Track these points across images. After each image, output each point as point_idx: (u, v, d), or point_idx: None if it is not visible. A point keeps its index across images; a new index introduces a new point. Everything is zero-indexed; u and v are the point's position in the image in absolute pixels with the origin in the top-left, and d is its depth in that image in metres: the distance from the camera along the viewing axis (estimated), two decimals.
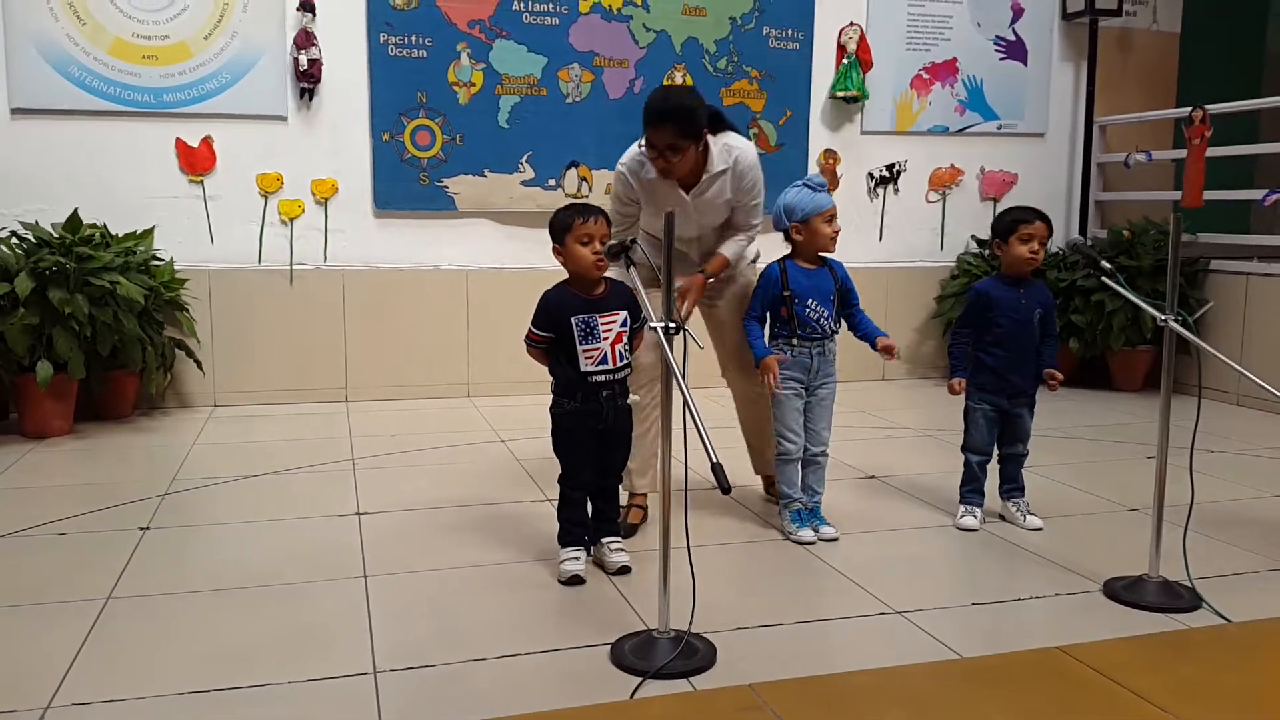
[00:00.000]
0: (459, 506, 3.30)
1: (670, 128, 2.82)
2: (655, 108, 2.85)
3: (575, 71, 5.18)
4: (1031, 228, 3.02)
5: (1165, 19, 6.18)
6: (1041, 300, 3.10)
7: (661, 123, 2.82)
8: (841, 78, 5.56)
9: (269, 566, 2.73)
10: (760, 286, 3.04)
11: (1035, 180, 6.05)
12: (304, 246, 5.02)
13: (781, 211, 3.00)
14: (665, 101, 2.87)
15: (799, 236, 2.99)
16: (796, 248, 3.02)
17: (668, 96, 2.94)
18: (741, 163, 3.00)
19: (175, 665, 2.15)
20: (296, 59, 4.80)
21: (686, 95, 2.98)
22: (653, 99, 2.89)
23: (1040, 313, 3.08)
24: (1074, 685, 2.04)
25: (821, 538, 2.99)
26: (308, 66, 4.81)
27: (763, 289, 3.03)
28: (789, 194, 3.01)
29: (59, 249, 4.17)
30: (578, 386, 2.62)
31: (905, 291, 5.84)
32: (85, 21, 4.60)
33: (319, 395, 5.03)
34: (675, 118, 2.82)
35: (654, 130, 2.84)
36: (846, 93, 5.56)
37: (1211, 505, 3.24)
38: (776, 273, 3.00)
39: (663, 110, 2.83)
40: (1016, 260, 3.05)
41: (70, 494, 3.44)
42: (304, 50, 4.80)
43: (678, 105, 2.85)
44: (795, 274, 2.98)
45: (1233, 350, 5.05)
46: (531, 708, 1.96)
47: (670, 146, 2.83)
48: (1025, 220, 3.04)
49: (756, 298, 3.05)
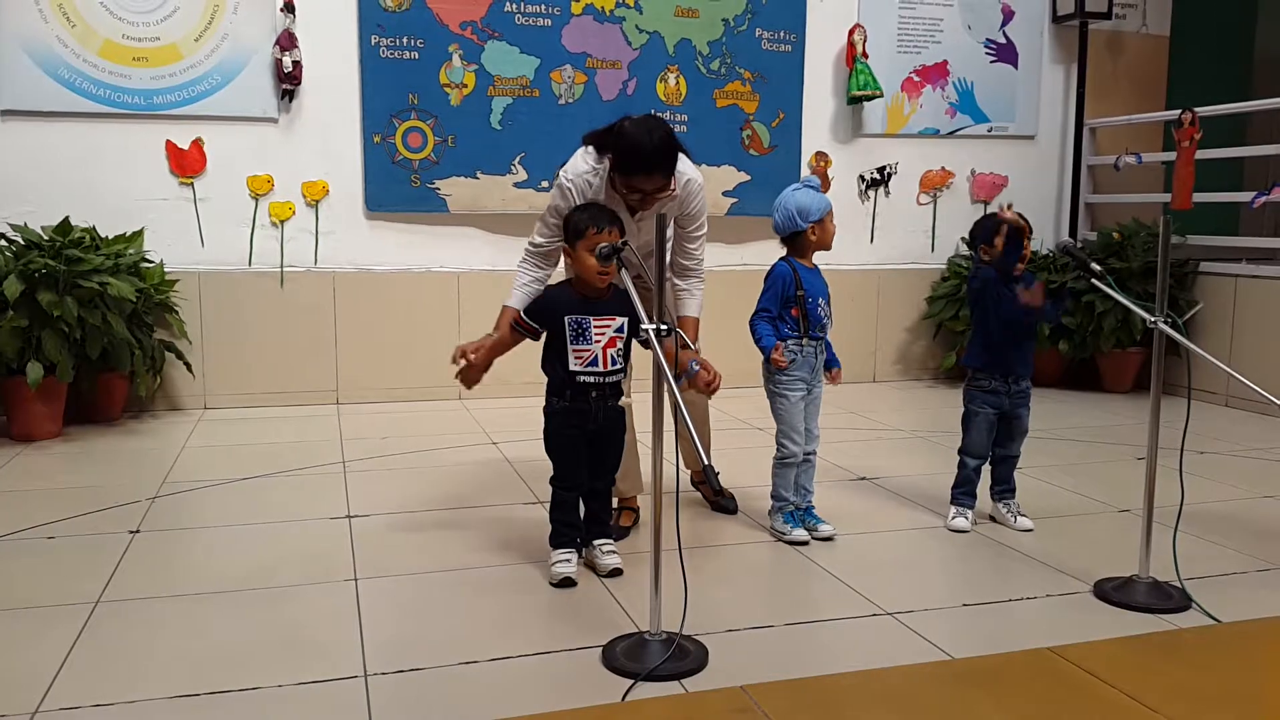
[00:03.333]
0: (450, 509, 3.30)
1: (662, 174, 2.68)
2: (648, 154, 2.63)
3: (568, 73, 5.18)
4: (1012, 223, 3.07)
5: (1155, 22, 6.21)
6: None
7: (655, 169, 2.66)
8: (857, 78, 5.56)
9: (259, 569, 2.72)
10: (773, 284, 2.97)
11: (1026, 182, 6.07)
12: (295, 249, 5.01)
13: (795, 213, 2.96)
14: (656, 145, 2.63)
15: (814, 236, 2.99)
16: (805, 248, 3.01)
17: (654, 136, 2.64)
18: (689, 188, 2.87)
19: (164, 669, 2.14)
20: (280, 60, 4.77)
21: (664, 131, 2.68)
22: (639, 144, 2.63)
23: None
24: (1065, 686, 2.04)
25: (819, 536, 2.99)
26: (291, 69, 4.78)
27: (777, 287, 2.96)
28: (798, 196, 2.98)
29: (48, 251, 4.16)
30: (566, 385, 2.63)
31: (896, 293, 5.85)
32: (75, 23, 4.59)
33: (310, 398, 5.02)
34: (668, 162, 2.67)
35: (646, 178, 2.67)
36: (864, 92, 5.54)
37: (1201, 506, 3.25)
38: (789, 271, 2.97)
39: (657, 156, 2.64)
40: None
41: (59, 497, 3.42)
42: (287, 52, 4.78)
43: (668, 147, 2.66)
44: (803, 273, 2.98)
45: (1222, 352, 5.07)
46: (523, 710, 1.95)
47: (659, 189, 2.71)
48: (1001, 219, 3.09)
49: (771, 295, 2.97)
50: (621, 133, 2.68)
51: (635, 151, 2.64)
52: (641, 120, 2.70)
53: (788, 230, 3.00)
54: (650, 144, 2.63)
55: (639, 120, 2.70)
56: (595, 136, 2.81)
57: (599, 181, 2.79)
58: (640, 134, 2.65)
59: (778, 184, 5.81)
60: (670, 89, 5.28)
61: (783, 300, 2.97)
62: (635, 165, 2.66)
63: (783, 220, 2.99)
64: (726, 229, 5.40)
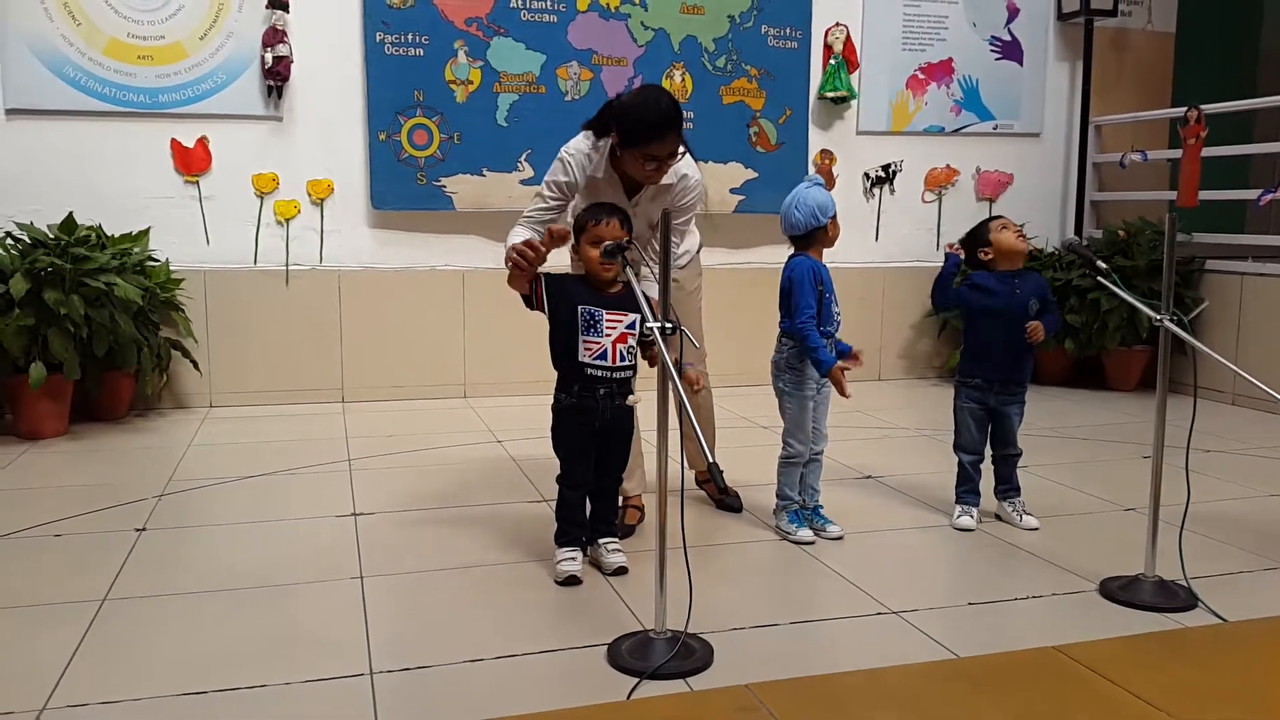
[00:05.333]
0: (455, 507, 3.30)
1: (674, 135, 2.71)
2: (659, 118, 2.66)
3: (574, 69, 5.18)
4: (1003, 219, 3.12)
5: (1160, 19, 6.19)
6: (1036, 289, 3.10)
7: (668, 132, 2.68)
8: (829, 78, 5.57)
9: (265, 567, 2.73)
10: (805, 281, 2.91)
11: (1031, 180, 6.06)
12: (300, 247, 5.01)
13: (816, 209, 2.93)
14: (664, 109, 2.68)
15: (831, 233, 3.00)
16: (819, 245, 3.00)
17: (660, 101, 2.70)
18: (686, 183, 2.89)
19: (171, 666, 2.14)
20: (263, 56, 4.76)
21: (670, 97, 2.75)
22: (649, 109, 2.68)
23: (1036, 304, 3.07)
24: (1070, 685, 2.04)
25: (827, 537, 2.99)
26: (273, 64, 4.76)
27: (809, 284, 2.90)
28: (815, 193, 2.96)
29: (54, 250, 4.16)
30: (574, 379, 2.63)
31: (901, 291, 5.84)
32: (80, 22, 4.59)
33: (315, 396, 5.02)
34: (678, 124, 2.69)
35: (660, 143, 2.68)
36: (835, 93, 5.55)
37: (1207, 505, 3.24)
38: (815, 267, 2.94)
39: (668, 119, 2.67)
40: (1009, 247, 3.07)
41: (66, 495, 3.43)
42: (269, 48, 4.76)
43: (675, 110, 2.69)
44: (821, 270, 2.97)
45: (1228, 350, 5.05)
46: (528, 708, 1.96)
47: (671, 154, 2.74)
48: (993, 217, 3.15)
49: (807, 294, 2.89)
50: (624, 107, 2.73)
51: (644, 119, 2.67)
52: (639, 90, 2.77)
53: (809, 227, 2.96)
54: (658, 109, 2.68)
55: (637, 91, 2.78)
56: (592, 122, 2.85)
57: (599, 158, 2.84)
58: (646, 101, 2.71)
59: (785, 181, 5.79)
60: (676, 86, 5.26)
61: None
62: (648, 133, 2.68)
63: (805, 217, 2.95)
64: (734, 226, 5.38)
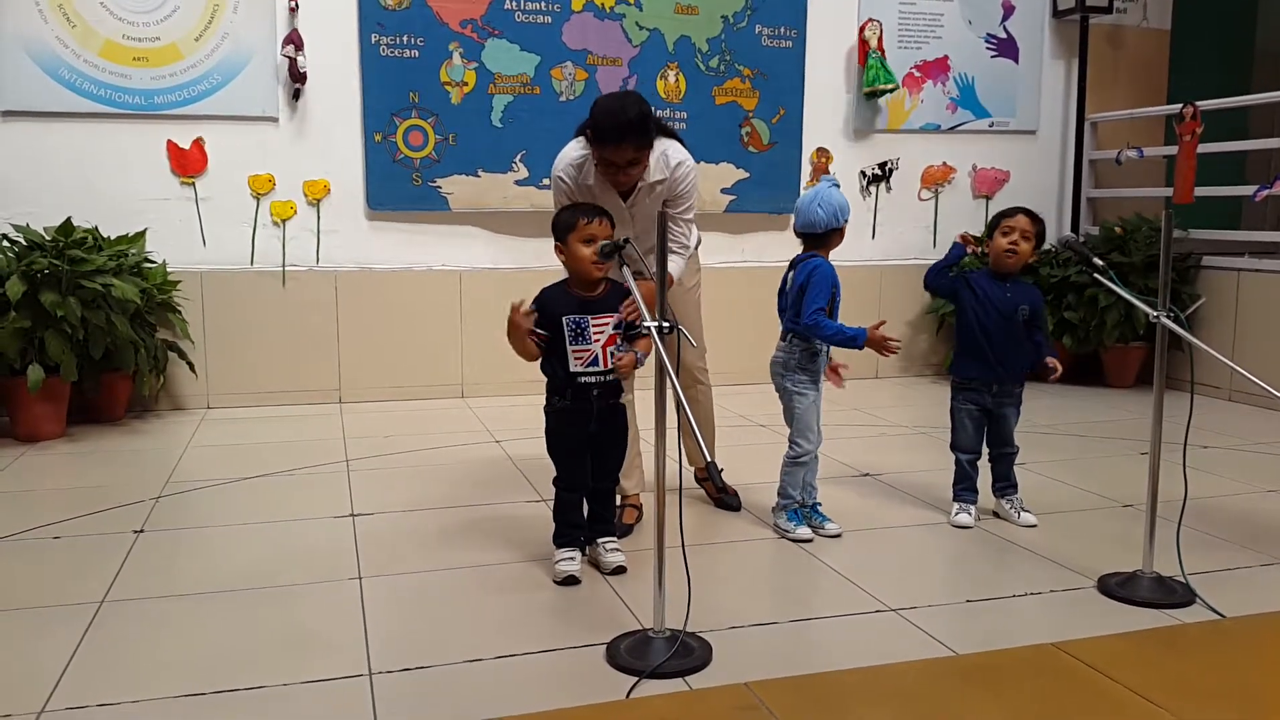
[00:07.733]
0: (453, 507, 3.30)
1: (630, 144, 2.70)
2: (611, 125, 2.68)
3: (569, 70, 5.18)
4: (1012, 220, 3.07)
5: (1156, 16, 6.19)
6: (1028, 299, 3.09)
7: (621, 140, 2.69)
8: (873, 72, 5.55)
9: (263, 569, 2.73)
10: (824, 280, 2.92)
11: (1027, 177, 6.06)
12: (296, 248, 5.01)
13: (838, 209, 2.94)
14: (620, 116, 2.69)
15: (842, 236, 3.00)
16: (831, 245, 3.00)
17: (622, 109, 2.71)
18: (679, 171, 2.89)
19: (170, 668, 2.14)
20: (294, 59, 4.78)
21: (635, 104, 2.74)
22: (604, 114, 2.71)
23: (1026, 311, 3.07)
24: (1069, 681, 2.04)
25: (825, 534, 2.99)
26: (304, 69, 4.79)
27: (828, 283, 2.92)
28: (836, 194, 2.96)
29: (51, 252, 4.16)
30: (567, 385, 2.63)
31: (898, 289, 5.83)
32: (75, 24, 4.59)
33: (312, 397, 5.02)
34: (633, 133, 2.69)
35: (614, 149, 2.70)
36: (882, 86, 5.55)
37: (1205, 501, 3.25)
38: (832, 268, 2.95)
39: (620, 127, 2.68)
40: (996, 252, 3.07)
41: (63, 497, 3.43)
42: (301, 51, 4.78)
43: (634, 118, 2.69)
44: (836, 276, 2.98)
45: (1225, 346, 5.06)
46: (528, 708, 1.96)
47: (631, 162, 2.74)
48: (1007, 214, 3.10)
49: (824, 291, 2.91)
50: (594, 106, 2.77)
51: (601, 124, 2.71)
52: (615, 94, 2.79)
53: (829, 227, 2.95)
54: (620, 114, 2.70)
55: (613, 94, 2.79)
56: (583, 124, 2.86)
57: (589, 165, 2.83)
58: (611, 105, 2.75)
59: (776, 181, 5.79)
60: (670, 86, 5.27)
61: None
62: (605, 136, 2.71)
63: (828, 216, 2.94)
64: (724, 225, 5.39)
